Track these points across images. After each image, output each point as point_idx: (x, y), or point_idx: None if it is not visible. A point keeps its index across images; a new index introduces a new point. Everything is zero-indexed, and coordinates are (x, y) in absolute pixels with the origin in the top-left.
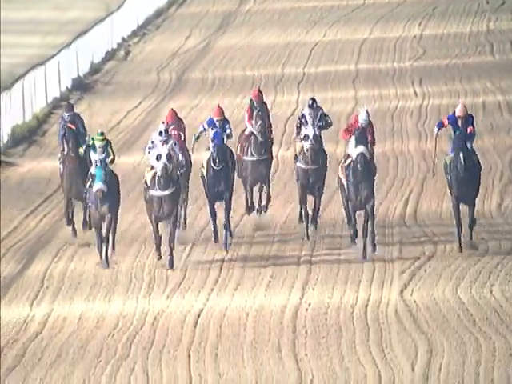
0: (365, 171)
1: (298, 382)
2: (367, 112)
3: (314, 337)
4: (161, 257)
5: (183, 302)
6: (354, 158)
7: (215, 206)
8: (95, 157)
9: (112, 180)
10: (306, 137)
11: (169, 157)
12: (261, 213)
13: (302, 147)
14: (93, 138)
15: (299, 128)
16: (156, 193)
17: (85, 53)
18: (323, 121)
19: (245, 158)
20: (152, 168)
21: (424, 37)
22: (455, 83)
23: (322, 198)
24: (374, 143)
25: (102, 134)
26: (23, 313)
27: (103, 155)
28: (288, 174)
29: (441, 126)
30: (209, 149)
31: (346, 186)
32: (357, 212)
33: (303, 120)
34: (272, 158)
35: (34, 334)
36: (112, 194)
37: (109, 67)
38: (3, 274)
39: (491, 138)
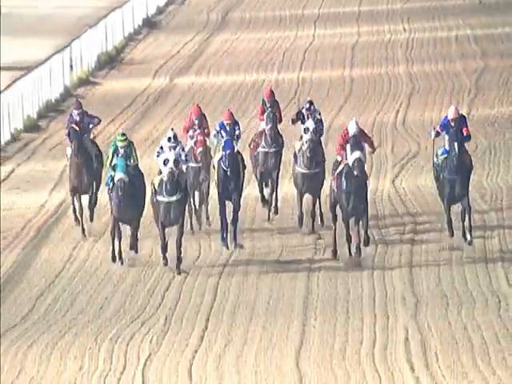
0: (360, 177)
1: (314, 250)
2: (356, 123)
3: (325, 216)
4: (167, 263)
5: None
6: (350, 164)
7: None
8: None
9: (137, 183)
10: (306, 129)
11: (176, 163)
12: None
13: (301, 147)
14: (114, 142)
15: (297, 120)
16: (163, 199)
17: None
18: (318, 126)
19: (259, 149)
20: (160, 172)
21: None
22: (435, 21)
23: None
24: (374, 150)
25: (124, 134)
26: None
27: (125, 156)
28: (304, 91)
29: (436, 134)
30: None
31: (336, 193)
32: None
33: (300, 116)
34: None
35: None
36: (136, 200)
37: (170, 9)
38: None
39: (461, 63)
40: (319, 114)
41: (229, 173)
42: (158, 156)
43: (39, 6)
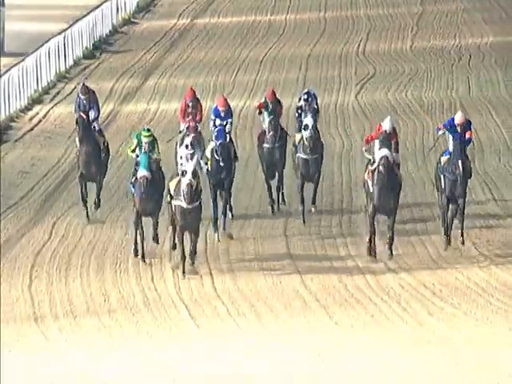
0: (388, 174)
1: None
2: (390, 121)
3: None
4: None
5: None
6: (377, 161)
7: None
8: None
9: (158, 177)
10: (305, 126)
11: (194, 174)
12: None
13: (302, 137)
14: (138, 135)
15: (299, 117)
16: (181, 204)
17: None
18: (316, 117)
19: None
20: (177, 175)
21: None
22: None
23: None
24: (397, 150)
25: (149, 130)
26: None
27: (148, 151)
28: (290, 29)
29: (438, 130)
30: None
31: (371, 190)
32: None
33: (300, 111)
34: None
35: None
36: (157, 193)
37: None
38: (128, 86)
39: (406, 8)
40: (316, 104)
41: (221, 162)
42: (181, 164)
43: None
